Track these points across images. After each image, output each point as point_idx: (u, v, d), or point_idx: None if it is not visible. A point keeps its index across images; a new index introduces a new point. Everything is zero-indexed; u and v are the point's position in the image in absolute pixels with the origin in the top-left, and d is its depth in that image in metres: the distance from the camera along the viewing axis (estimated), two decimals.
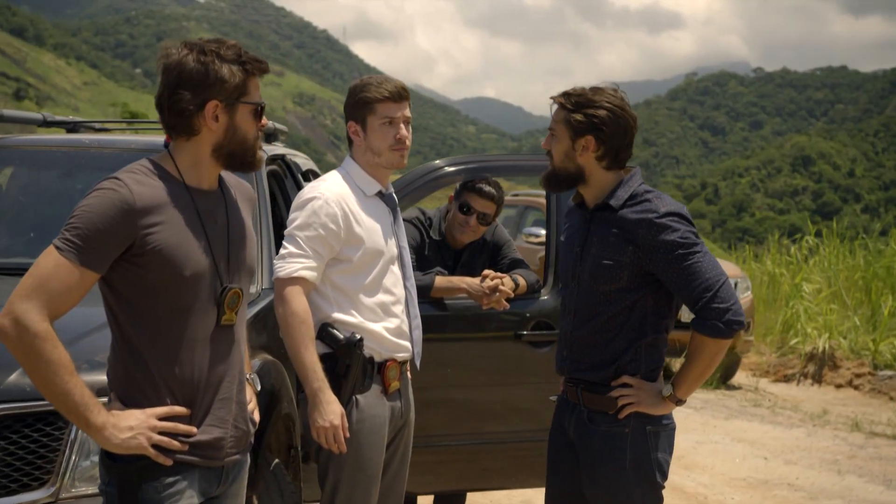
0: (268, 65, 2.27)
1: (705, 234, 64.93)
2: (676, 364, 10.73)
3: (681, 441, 7.20)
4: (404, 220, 4.15)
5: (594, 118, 2.77)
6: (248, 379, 2.46)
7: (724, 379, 10.07)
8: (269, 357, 3.26)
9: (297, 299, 2.87)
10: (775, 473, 6.45)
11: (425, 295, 3.88)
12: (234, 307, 2.26)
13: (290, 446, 3.45)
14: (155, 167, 2.19)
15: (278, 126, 5.31)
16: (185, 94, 2.14)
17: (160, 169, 2.19)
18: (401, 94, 3.01)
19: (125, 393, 2.16)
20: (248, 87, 2.21)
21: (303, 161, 5.03)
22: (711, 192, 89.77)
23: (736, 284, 10.13)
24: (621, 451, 2.82)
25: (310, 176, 4.84)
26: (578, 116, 2.78)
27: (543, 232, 7.91)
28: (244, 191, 2.41)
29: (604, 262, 2.80)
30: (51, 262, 2.04)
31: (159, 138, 4.23)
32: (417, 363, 3.20)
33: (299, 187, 4.49)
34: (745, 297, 10.17)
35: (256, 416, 2.46)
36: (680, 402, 2.85)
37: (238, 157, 2.23)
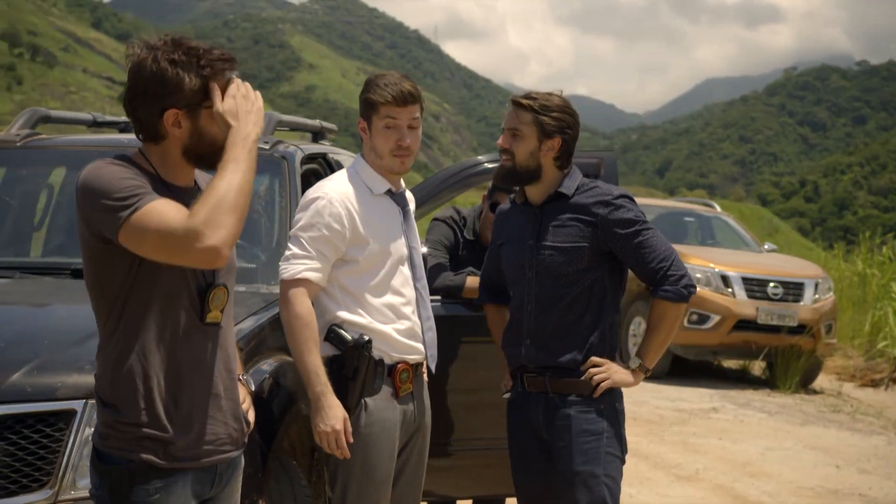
0: (233, 63, 2.17)
1: (804, 233, 63.18)
2: (755, 366, 10.40)
3: (748, 447, 6.97)
4: (438, 219, 4.09)
5: (562, 121, 3.02)
6: (241, 379, 2.43)
7: (804, 383, 9.69)
8: (287, 358, 3.21)
9: (301, 301, 2.82)
10: (847, 483, 6.15)
11: (457, 295, 3.80)
12: (219, 305, 2.22)
13: (313, 449, 3.40)
14: (130, 162, 2.15)
15: (325, 124, 5.29)
16: (142, 103, 2.10)
17: (135, 164, 2.15)
18: (405, 97, 2.89)
19: (112, 390, 2.13)
20: (210, 91, 2.13)
21: (346, 159, 4.98)
22: (811, 190, 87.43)
23: (817, 285, 9.76)
24: (598, 426, 3.03)
25: None
26: (548, 119, 3.00)
27: None
28: None
29: (564, 246, 3.02)
30: (153, 214, 1.99)
31: None
32: (432, 366, 3.10)
33: None
34: (826, 299, 9.78)
35: (251, 416, 2.42)
36: (647, 371, 3.09)
37: (207, 159, 2.16)
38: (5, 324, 2.94)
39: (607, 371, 3.02)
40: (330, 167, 4.63)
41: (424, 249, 4.01)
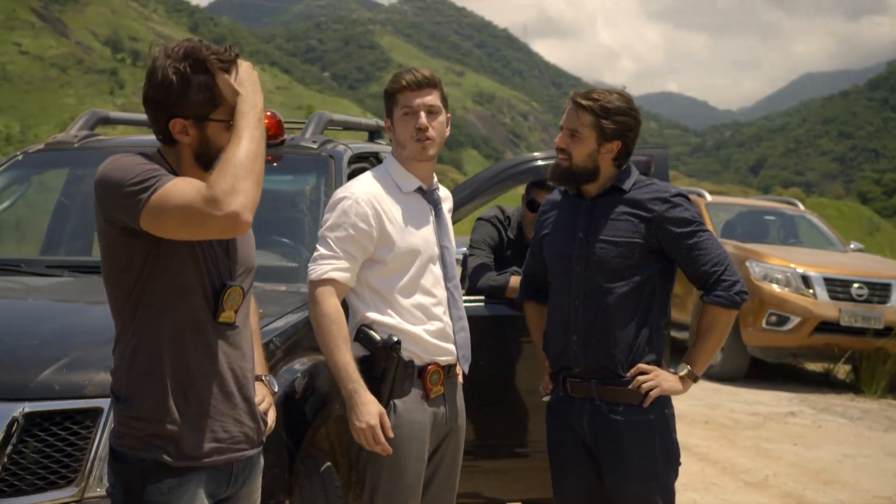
0: (237, 57, 2.17)
1: None
2: (839, 369, 10.03)
3: (824, 454, 6.71)
4: (483, 218, 4.04)
5: (624, 125, 2.93)
6: (263, 380, 2.44)
7: (891, 387, 9.30)
8: (322, 358, 3.20)
9: (329, 301, 2.80)
10: None
11: (500, 295, 3.75)
12: (233, 305, 2.22)
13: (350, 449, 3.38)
14: (148, 159, 2.16)
15: (381, 122, 5.28)
16: (150, 108, 2.13)
17: (155, 162, 2.17)
18: (419, 82, 2.87)
19: (126, 384, 2.15)
20: (217, 102, 2.13)
21: None
22: None
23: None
24: (650, 439, 2.95)
25: None
26: (609, 124, 2.92)
27: None
28: None
29: (617, 240, 2.94)
30: (172, 192, 2.00)
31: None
32: (465, 367, 3.04)
33: None
34: None
35: (271, 416, 2.42)
36: (696, 378, 3.01)
37: None
38: (41, 321, 3.00)
39: (656, 379, 2.93)
40: None
41: (463, 248, 3.96)
